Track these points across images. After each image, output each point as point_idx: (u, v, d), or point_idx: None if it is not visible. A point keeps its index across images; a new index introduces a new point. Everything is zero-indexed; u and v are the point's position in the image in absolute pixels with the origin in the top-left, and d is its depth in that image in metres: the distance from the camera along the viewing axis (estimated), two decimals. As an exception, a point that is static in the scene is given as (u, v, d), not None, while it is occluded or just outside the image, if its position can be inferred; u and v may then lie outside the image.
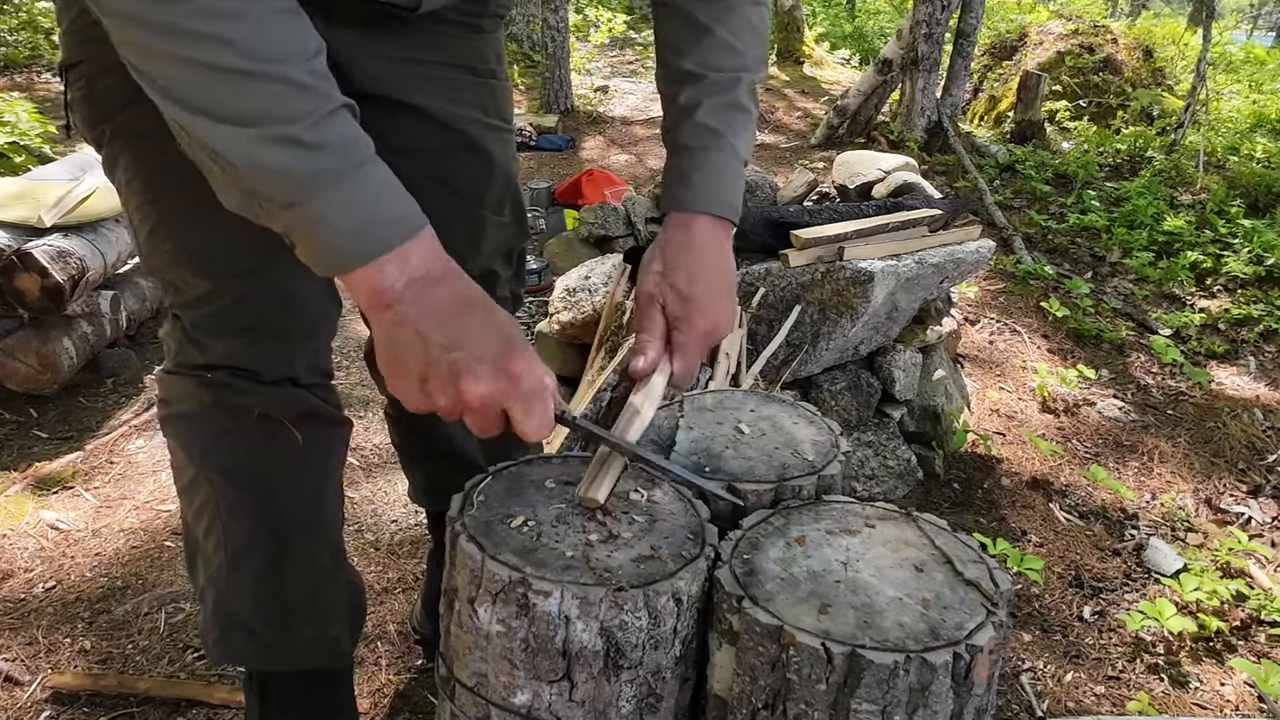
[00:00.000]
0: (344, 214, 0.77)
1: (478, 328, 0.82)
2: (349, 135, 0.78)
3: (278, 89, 0.74)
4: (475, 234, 1.29)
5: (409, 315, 0.81)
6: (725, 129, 1.06)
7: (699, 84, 1.06)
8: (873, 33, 12.51)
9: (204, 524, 1.21)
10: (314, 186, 0.76)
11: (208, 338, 1.12)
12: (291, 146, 0.74)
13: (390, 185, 0.81)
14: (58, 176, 2.97)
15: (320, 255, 0.80)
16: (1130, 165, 6.08)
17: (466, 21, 1.19)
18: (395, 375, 0.84)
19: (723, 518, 0.96)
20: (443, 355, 0.80)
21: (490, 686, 0.86)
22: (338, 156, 0.77)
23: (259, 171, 0.76)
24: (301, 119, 0.75)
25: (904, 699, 0.76)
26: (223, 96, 0.73)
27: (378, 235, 0.79)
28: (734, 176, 1.08)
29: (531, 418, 0.83)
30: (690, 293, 1.02)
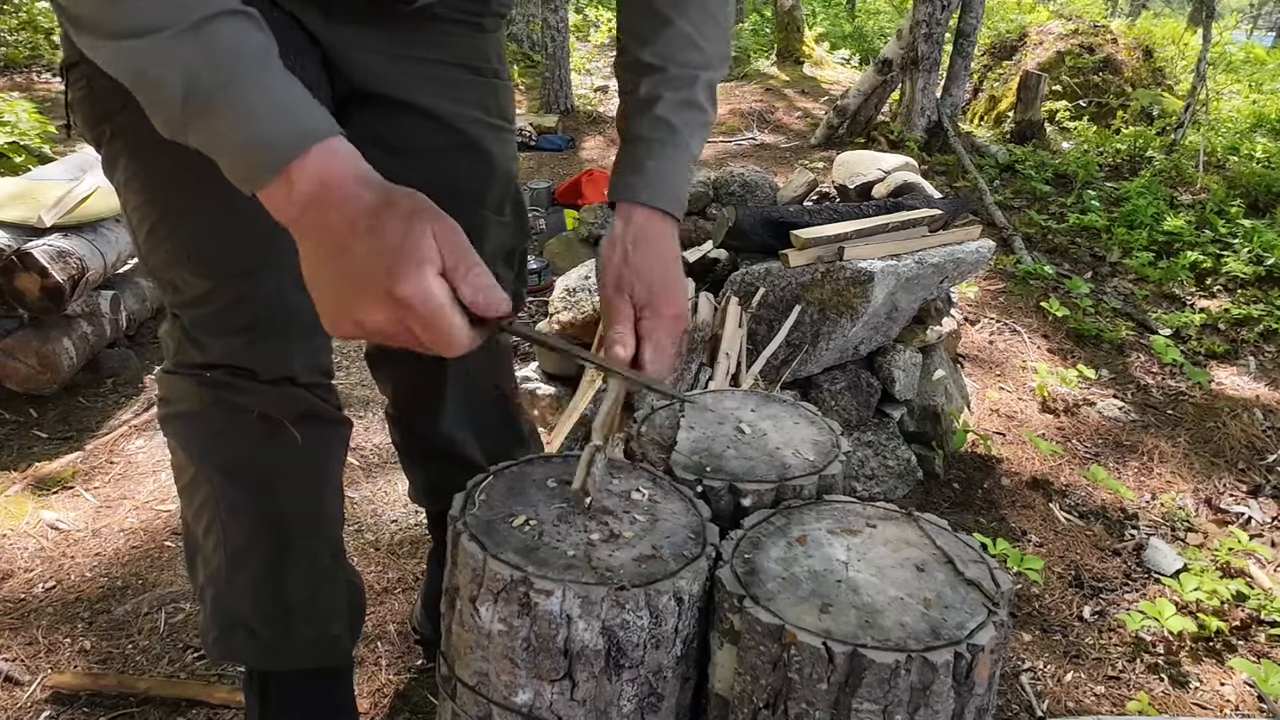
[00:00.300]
0: (233, 128, 0.74)
1: (366, 250, 0.75)
2: (230, 43, 0.74)
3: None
4: (476, 234, 1.28)
5: (311, 244, 0.77)
6: (682, 126, 1.06)
7: (659, 76, 1.06)
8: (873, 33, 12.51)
9: (203, 523, 1.21)
10: (195, 101, 0.73)
11: (206, 337, 1.12)
12: (165, 57, 0.72)
13: (281, 97, 0.76)
14: (58, 176, 2.97)
15: (231, 169, 0.77)
16: (1130, 165, 6.08)
17: (468, 20, 1.19)
18: (324, 306, 0.79)
19: (724, 518, 0.96)
20: (335, 286, 0.77)
21: (492, 685, 0.86)
22: (214, 66, 0.73)
23: (146, 88, 0.74)
24: (178, 24, 0.72)
25: (905, 698, 0.76)
26: (105, 11, 0.73)
27: (266, 152, 0.75)
28: (685, 174, 1.09)
29: (438, 337, 0.76)
30: (654, 281, 1.02)
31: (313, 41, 1.07)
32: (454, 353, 0.78)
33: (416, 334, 0.76)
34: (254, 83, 0.75)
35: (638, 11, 1.07)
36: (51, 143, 4.17)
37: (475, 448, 1.47)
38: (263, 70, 0.76)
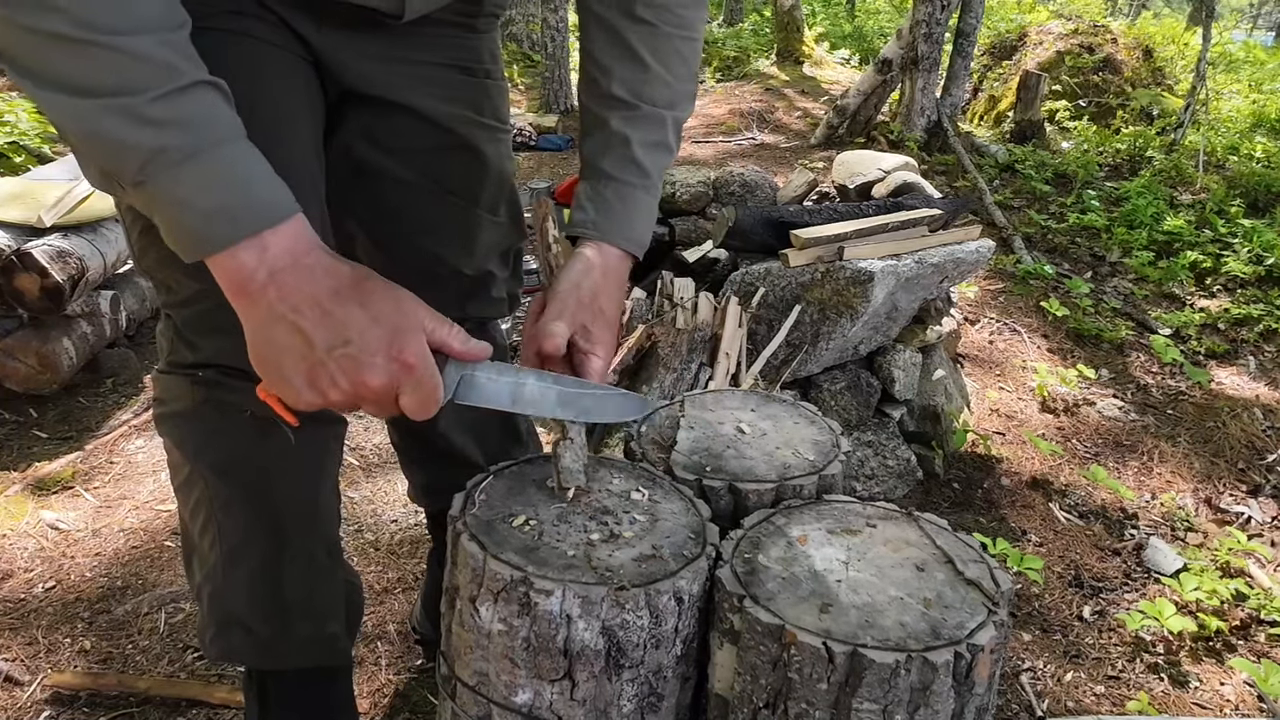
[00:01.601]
0: (198, 195, 0.75)
1: (361, 318, 0.79)
2: (204, 113, 0.76)
3: (117, 60, 0.71)
4: (470, 234, 1.29)
5: (281, 311, 0.78)
6: (653, 169, 1.07)
7: (631, 114, 1.05)
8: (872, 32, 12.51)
9: (199, 522, 1.21)
10: (160, 164, 0.74)
11: (198, 336, 1.12)
12: (133, 121, 0.72)
13: (253, 169, 0.78)
14: (57, 176, 2.97)
15: (176, 237, 0.77)
16: (1130, 165, 6.08)
17: (461, 21, 1.19)
18: (277, 379, 0.81)
19: (724, 518, 0.96)
20: (330, 353, 0.78)
21: (492, 685, 0.86)
22: (187, 134, 0.74)
23: (101, 145, 0.74)
24: (143, 92, 0.72)
25: (905, 698, 0.76)
26: (62, 67, 0.71)
27: (235, 220, 0.76)
28: (651, 215, 1.10)
29: (428, 396, 0.82)
30: (608, 321, 1.03)
31: (303, 45, 1.07)
32: (428, 412, 0.82)
33: (403, 394, 0.80)
34: (229, 152, 0.77)
35: (608, 45, 1.06)
36: (51, 143, 4.17)
37: (474, 448, 1.47)
38: (236, 141, 0.78)
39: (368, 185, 1.22)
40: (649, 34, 1.05)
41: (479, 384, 0.88)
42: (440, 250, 1.27)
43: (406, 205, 1.23)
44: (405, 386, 0.80)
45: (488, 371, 0.89)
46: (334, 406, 0.82)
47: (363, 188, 1.22)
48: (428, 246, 1.27)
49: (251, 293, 0.78)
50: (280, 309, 0.78)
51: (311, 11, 1.06)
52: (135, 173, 0.74)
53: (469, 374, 0.88)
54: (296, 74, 1.07)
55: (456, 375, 0.87)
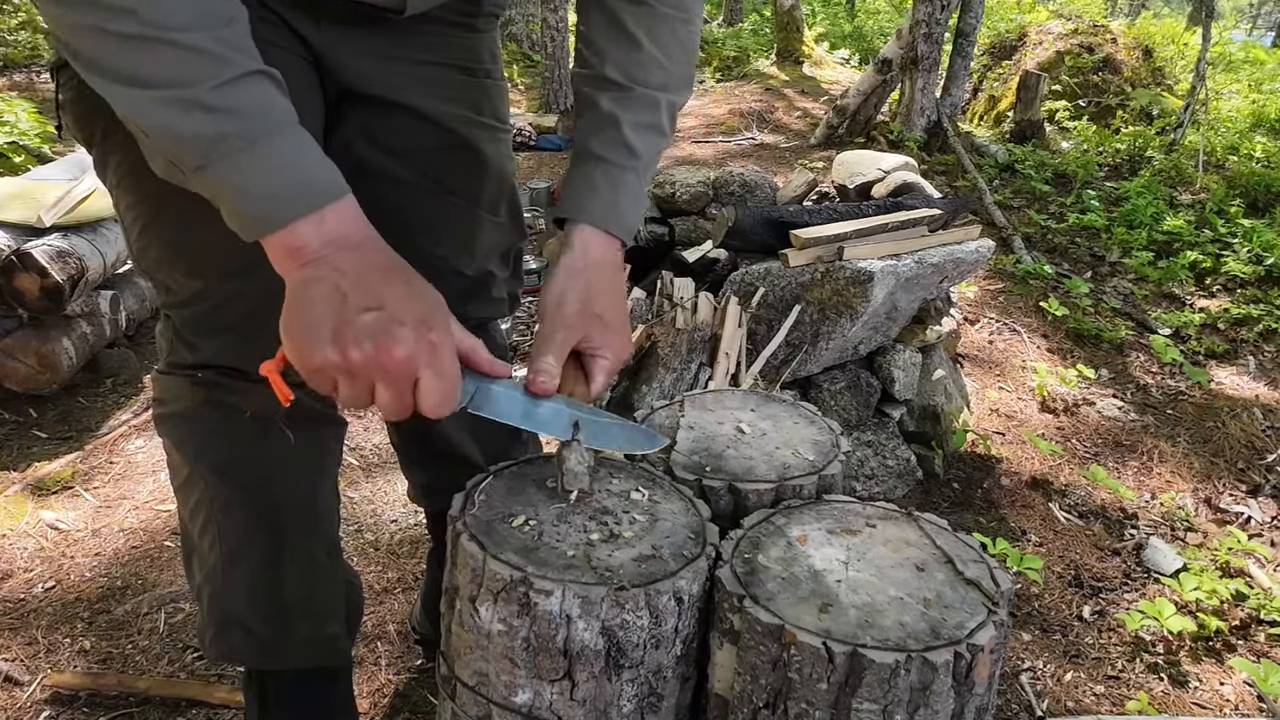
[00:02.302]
0: (257, 179, 0.78)
1: (400, 290, 0.81)
2: (260, 101, 0.79)
3: (179, 55, 0.76)
4: (470, 234, 1.29)
5: (325, 273, 0.80)
6: (643, 151, 1.05)
7: (622, 95, 1.04)
8: (872, 32, 12.51)
9: (199, 522, 1.21)
10: (222, 151, 0.77)
11: (197, 337, 1.12)
12: (194, 110, 0.76)
13: (307, 153, 0.82)
14: (57, 176, 2.97)
15: (238, 219, 0.81)
16: (1130, 165, 6.08)
17: (460, 21, 1.19)
18: (302, 334, 0.81)
19: (723, 518, 0.96)
20: (361, 314, 0.79)
21: (491, 685, 0.86)
22: (245, 121, 0.78)
23: (165, 135, 0.78)
24: (203, 83, 0.76)
25: (905, 698, 0.76)
26: (130, 63, 0.76)
27: (292, 200, 0.80)
28: (641, 200, 1.08)
29: (443, 385, 0.81)
30: (610, 317, 1.00)
31: (303, 45, 1.07)
32: (443, 408, 0.82)
33: (423, 377, 0.80)
34: (288, 136, 0.81)
35: (603, 27, 1.05)
36: (51, 143, 4.17)
37: (474, 448, 1.47)
38: (293, 126, 0.82)
39: (367, 185, 1.21)
40: (645, 15, 1.04)
41: (494, 395, 0.89)
42: (440, 250, 1.27)
43: (406, 205, 1.23)
44: (426, 370, 0.80)
45: (503, 386, 0.90)
46: (350, 370, 0.79)
47: (362, 188, 1.21)
48: (428, 247, 1.27)
49: (303, 259, 0.80)
50: (324, 270, 0.80)
51: (312, 10, 1.06)
52: (198, 159, 0.78)
53: (484, 386, 0.89)
54: (297, 74, 1.07)
55: (474, 385, 0.88)
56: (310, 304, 0.80)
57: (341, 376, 0.80)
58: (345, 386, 0.81)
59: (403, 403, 0.81)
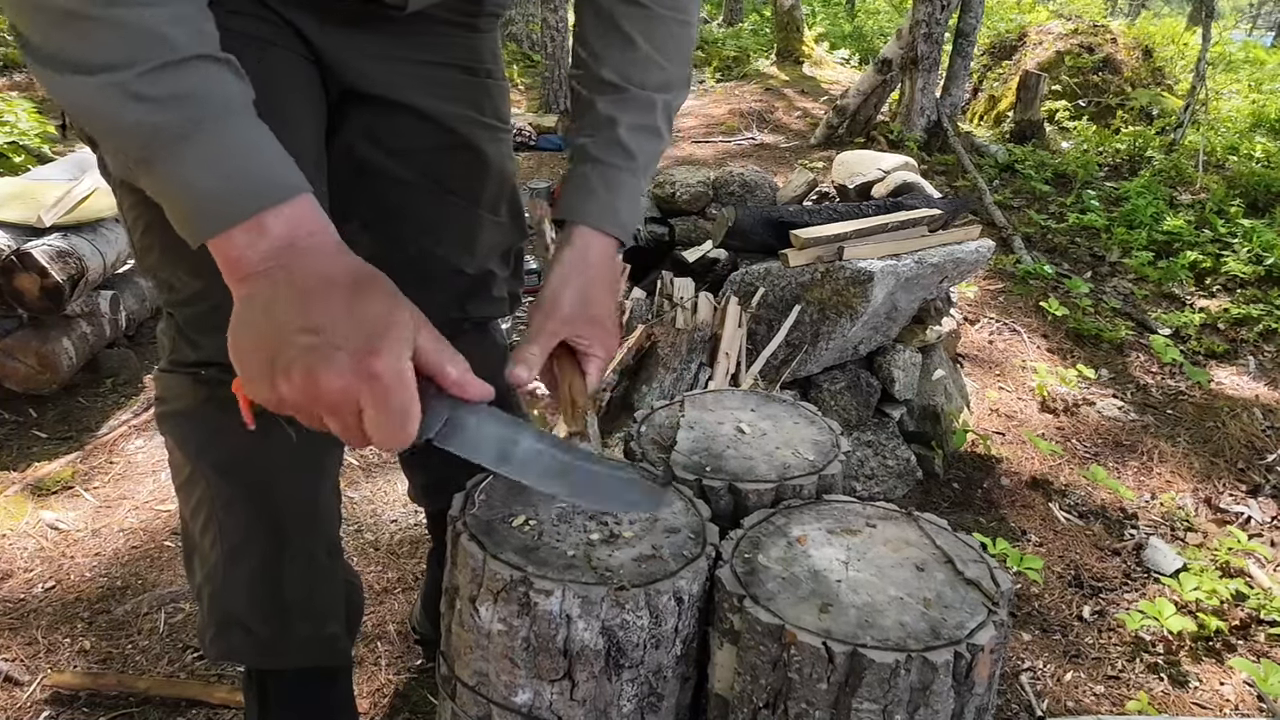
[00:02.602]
0: (198, 174, 0.71)
1: (340, 312, 0.71)
2: (201, 88, 0.71)
3: (116, 35, 0.69)
4: (471, 234, 1.29)
5: (261, 289, 0.72)
6: (639, 153, 1.05)
7: (619, 96, 1.04)
8: (872, 32, 12.51)
9: (200, 521, 1.21)
10: (159, 143, 0.70)
11: (200, 334, 1.12)
12: (131, 98, 0.69)
13: (253, 144, 0.74)
14: (57, 176, 2.97)
15: (179, 219, 0.74)
16: (1130, 165, 6.08)
17: (462, 21, 1.19)
18: (238, 360, 0.74)
19: (723, 518, 0.96)
20: (295, 338, 0.70)
21: (491, 685, 0.86)
22: (182, 109, 0.70)
23: (101, 123, 0.72)
24: (140, 65, 0.69)
25: (905, 698, 0.76)
26: (70, 43, 0.69)
27: (230, 201, 0.72)
28: (639, 200, 1.08)
29: (389, 419, 0.71)
30: (602, 312, 1.01)
31: (305, 44, 1.07)
32: (393, 444, 0.72)
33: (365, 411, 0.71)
34: (227, 129, 0.72)
35: (600, 29, 1.05)
36: (51, 143, 4.17)
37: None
38: (235, 117, 0.73)
39: (369, 185, 1.22)
40: (642, 17, 1.04)
41: (466, 429, 0.78)
42: (441, 250, 1.27)
43: (408, 205, 1.23)
44: (367, 401, 0.70)
45: (480, 417, 0.79)
46: (285, 404, 0.72)
47: (364, 188, 1.22)
48: (429, 246, 1.27)
49: (243, 275, 0.73)
50: (261, 285, 0.72)
51: (314, 9, 1.06)
52: (137, 152, 0.72)
53: (458, 415, 0.77)
54: (299, 74, 1.07)
55: (444, 414, 0.76)
56: (245, 326, 0.73)
57: (285, 409, 0.73)
58: (296, 414, 0.74)
59: (353, 434, 0.73)
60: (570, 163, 1.07)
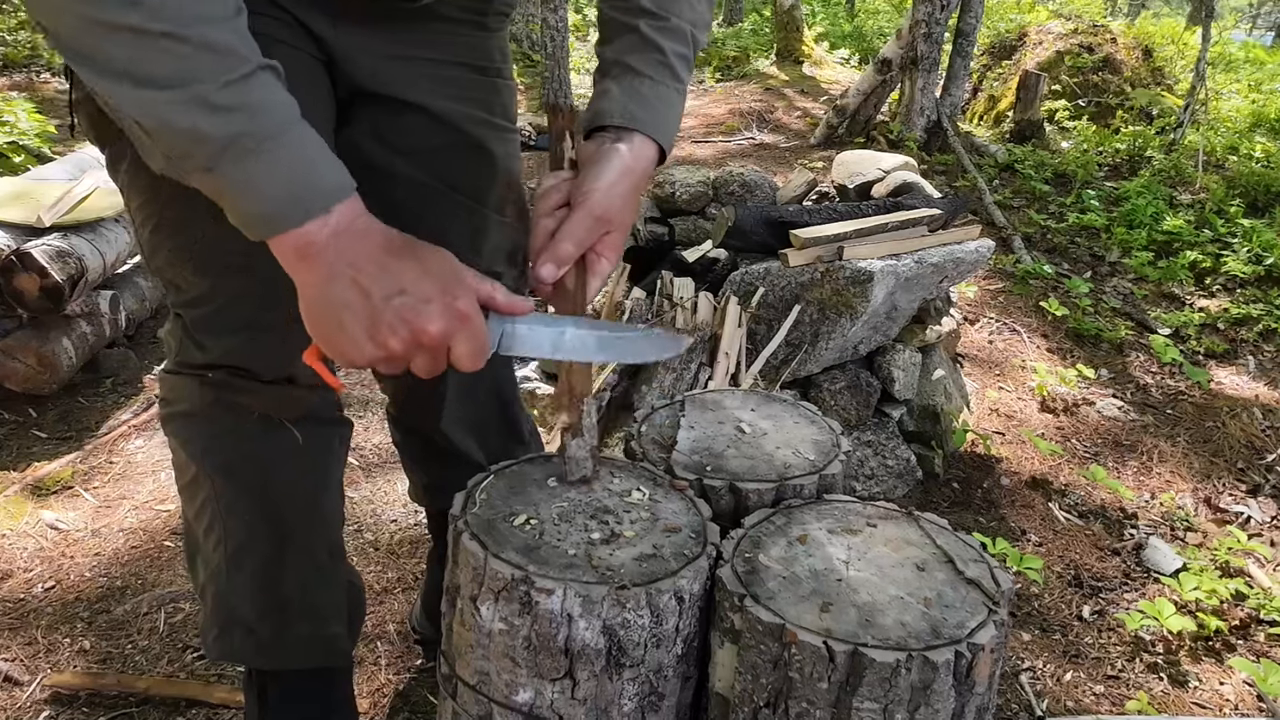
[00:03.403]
0: (267, 179, 0.78)
1: (414, 267, 0.83)
2: (268, 98, 0.78)
3: (187, 50, 0.73)
4: (477, 233, 1.29)
5: (340, 269, 0.81)
6: (684, 75, 1.05)
7: (660, 24, 1.03)
8: (872, 32, 12.51)
9: (204, 522, 1.21)
10: (231, 151, 0.76)
11: (207, 336, 1.12)
12: (204, 109, 0.74)
13: (314, 150, 0.81)
14: (57, 176, 2.97)
15: (246, 219, 0.80)
16: (1129, 165, 6.08)
17: (472, 19, 1.19)
18: (333, 332, 0.83)
19: (724, 517, 0.96)
20: (388, 302, 0.81)
21: (492, 684, 0.86)
22: (254, 120, 0.76)
23: (175, 135, 0.76)
24: (212, 80, 0.74)
25: (905, 697, 0.76)
26: (136, 59, 0.73)
27: (301, 200, 0.79)
28: (678, 115, 1.06)
29: (479, 346, 0.85)
30: (629, 222, 1.01)
31: (316, 44, 1.07)
32: (478, 363, 0.85)
33: (457, 343, 0.83)
34: (295, 134, 0.80)
35: None
36: (51, 143, 4.17)
37: (475, 447, 1.47)
38: (300, 123, 0.80)
39: (375, 184, 1.21)
40: None
41: (520, 335, 0.91)
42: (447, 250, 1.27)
43: (415, 205, 1.23)
44: (458, 335, 0.83)
45: (527, 323, 0.91)
46: (392, 358, 0.83)
47: (371, 187, 1.21)
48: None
49: (311, 257, 0.81)
50: (339, 266, 0.81)
51: (327, 8, 1.06)
52: (206, 160, 0.76)
53: (510, 327, 0.90)
54: (306, 73, 1.07)
55: (499, 329, 0.89)
56: (335, 305, 0.82)
57: (382, 363, 0.84)
58: (385, 366, 0.84)
59: (439, 366, 0.85)
60: (610, 76, 1.04)
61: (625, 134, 0.99)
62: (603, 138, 0.99)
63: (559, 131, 1.05)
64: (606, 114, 1.00)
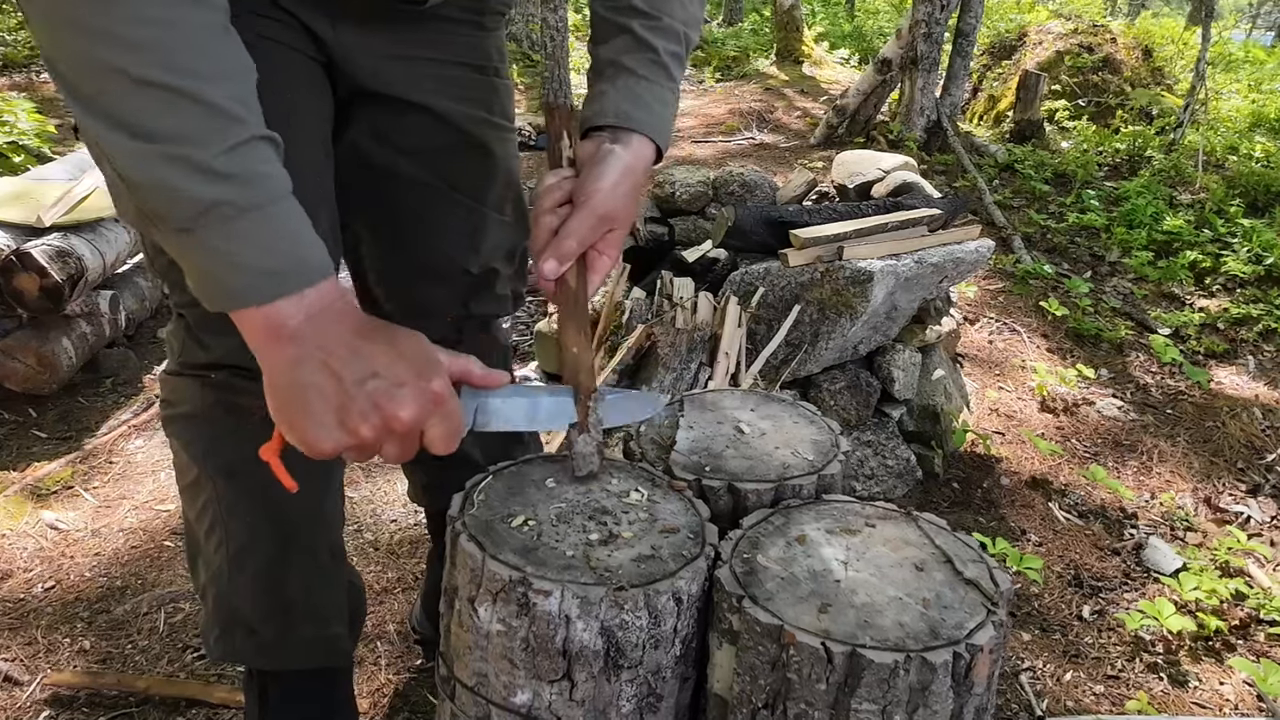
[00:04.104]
0: (247, 250, 0.75)
1: (389, 356, 0.80)
2: (262, 170, 0.76)
3: (194, 109, 0.72)
4: (477, 232, 1.29)
5: (310, 351, 0.78)
6: (677, 76, 1.05)
7: (653, 24, 1.03)
8: (872, 32, 12.51)
9: (205, 523, 1.22)
10: (212, 216, 0.73)
11: (210, 335, 1.13)
12: (196, 170, 0.72)
13: (299, 228, 0.79)
14: (57, 176, 2.97)
15: (210, 288, 0.78)
16: (1129, 165, 6.08)
17: (470, 19, 1.20)
18: (300, 417, 0.80)
19: (723, 518, 0.96)
20: (360, 387, 0.78)
21: (490, 686, 0.86)
22: (244, 190, 0.74)
23: (158, 190, 0.73)
24: (212, 144, 0.72)
25: (904, 698, 0.76)
26: (139, 110, 0.71)
27: (281, 278, 0.77)
28: (673, 115, 1.06)
29: (449, 434, 0.84)
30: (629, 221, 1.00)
31: (316, 45, 1.07)
32: (452, 445, 0.84)
33: (431, 427, 0.82)
34: (283, 207, 0.78)
35: None
36: (51, 143, 4.17)
37: (474, 447, 1.46)
38: (288, 198, 0.78)
39: (376, 184, 1.22)
40: None
41: (494, 409, 0.90)
42: (447, 249, 1.27)
43: (415, 204, 1.24)
44: (432, 418, 0.82)
45: (502, 395, 0.90)
46: (362, 446, 0.80)
47: (371, 187, 1.22)
48: (434, 245, 1.27)
49: (283, 338, 0.78)
50: (308, 348, 0.78)
51: (328, 8, 1.06)
52: (185, 221, 0.74)
53: (484, 401, 0.89)
54: (303, 73, 1.07)
55: (473, 404, 0.89)
56: (303, 388, 0.79)
57: (352, 451, 0.81)
58: (353, 454, 0.82)
59: (410, 453, 0.83)
60: (604, 76, 1.03)
61: (623, 134, 0.99)
62: (601, 138, 0.99)
63: (556, 131, 1.03)
64: (603, 114, 1.00)
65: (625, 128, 0.99)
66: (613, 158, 0.97)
